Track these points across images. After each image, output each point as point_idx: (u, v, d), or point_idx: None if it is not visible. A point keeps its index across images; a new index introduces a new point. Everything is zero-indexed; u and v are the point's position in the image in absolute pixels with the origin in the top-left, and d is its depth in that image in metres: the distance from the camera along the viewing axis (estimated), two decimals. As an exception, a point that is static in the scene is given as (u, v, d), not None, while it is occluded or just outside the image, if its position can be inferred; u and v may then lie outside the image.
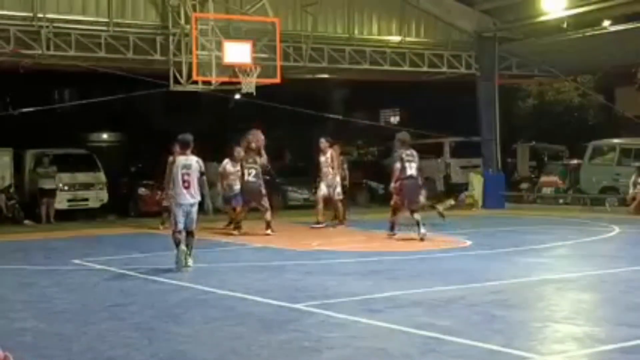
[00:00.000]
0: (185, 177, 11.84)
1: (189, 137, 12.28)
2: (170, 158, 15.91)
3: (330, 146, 18.57)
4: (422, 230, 14.83)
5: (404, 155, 15.27)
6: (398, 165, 15.21)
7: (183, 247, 11.79)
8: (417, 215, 15.13)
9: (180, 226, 11.87)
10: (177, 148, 13.29)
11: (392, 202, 15.63)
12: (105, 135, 39.80)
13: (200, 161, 12.14)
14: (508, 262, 12.27)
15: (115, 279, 11.11)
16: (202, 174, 12.05)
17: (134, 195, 23.78)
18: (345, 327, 7.42)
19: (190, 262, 11.85)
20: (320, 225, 17.95)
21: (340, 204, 18.48)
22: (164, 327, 7.58)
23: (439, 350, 6.42)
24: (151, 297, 9.42)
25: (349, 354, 6.43)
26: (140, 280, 10.89)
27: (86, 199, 23.06)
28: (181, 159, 12.02)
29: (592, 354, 6.30)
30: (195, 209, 11.97)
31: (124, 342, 6.98)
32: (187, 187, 11.83)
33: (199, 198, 12.03)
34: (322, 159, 18.49)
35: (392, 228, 15.57)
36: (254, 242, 15.42)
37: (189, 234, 11.98)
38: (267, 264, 12.46)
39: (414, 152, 15.43)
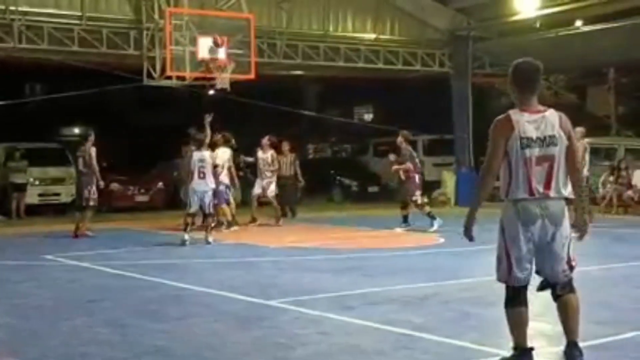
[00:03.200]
0: (201, 169, 14.36)
1: (202, 135, 14.96)
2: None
3: (272, 145, 18.35)
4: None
5: (414, 153, 16.50)
6: (410, 162, 16.12)
7: (187, 236, 14.04)
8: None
9: (193, 209, 14.36)
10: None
11: (413, 197, 16.13)
12: (77, 130, 39.44)
13: (213, 155, 15.16)
14: (481, 259, 12.27)
15: (88, 274, 11.05)
16: (215, 166, 15.01)
17: (106, 191, 23.58)
18: (319, 323, 7.45)
19: (210, 239, 14.21)
20: (255, 224, 17.64)
21: (275, 203, 18.27)
22: (139, 323, 7.56)
23: (412, 347, 6.47)
24: (125, 293, 9.38)
25: (322, 350, 6.46)
26: (113, 276, 10.84)
27: (57, 194, 22.83)
28: (197, 154, 14.52)
29: (561, 351, 6.36)
30: (208, 194, 14.40)
31: (98, 338, 6.96)
32: (202, 177, 14.34)
33: (212, 186, 14.63)
34: (263, 156, 18.24)
35: (406, 220, 16.15)
36: (227, 239, 15.39)
37: (207, 215, 14.49)
38: (241, 260, 12.44)
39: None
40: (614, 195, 20.82)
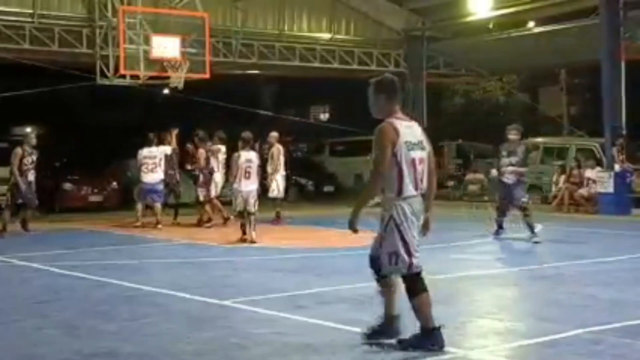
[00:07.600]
0: (248, 169, 14.18)
1: (249, 134, 14.54)
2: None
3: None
4: None
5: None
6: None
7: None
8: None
9: (240, 208, 14.19)
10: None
11: (522, 200, 14.44)
12: (28, 129, 38.86)
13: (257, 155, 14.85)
14: (433, 258, 12.35)
15: (39, 275, 10.88)
16: (260, 166, 14.87)
17: (59, 191, 23.29)
18: (272, 323, 7.44)
19: (254, 234, 14.09)
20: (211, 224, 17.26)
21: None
22: (89, 324, 7.48)
23: (366, 345, 6.49)
24: (76, 293, 9.28)
25: (276, 350, 6.46)
26: (65, 276, 10.69)
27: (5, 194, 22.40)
28: (244, 154, 14.28)
29: (513, 348, 6.45)
30: (253, 194, 14.24)
31: (48, 340, 6.87)
32: (247, 177, 14.16)
33: (257, 185, 14.47)
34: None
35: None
36: (181, 238, 15.30)
37: (249, 214, 14.13)
38: (195, 260, 12.37)
39: None
40: (565, 194, 21.12)
